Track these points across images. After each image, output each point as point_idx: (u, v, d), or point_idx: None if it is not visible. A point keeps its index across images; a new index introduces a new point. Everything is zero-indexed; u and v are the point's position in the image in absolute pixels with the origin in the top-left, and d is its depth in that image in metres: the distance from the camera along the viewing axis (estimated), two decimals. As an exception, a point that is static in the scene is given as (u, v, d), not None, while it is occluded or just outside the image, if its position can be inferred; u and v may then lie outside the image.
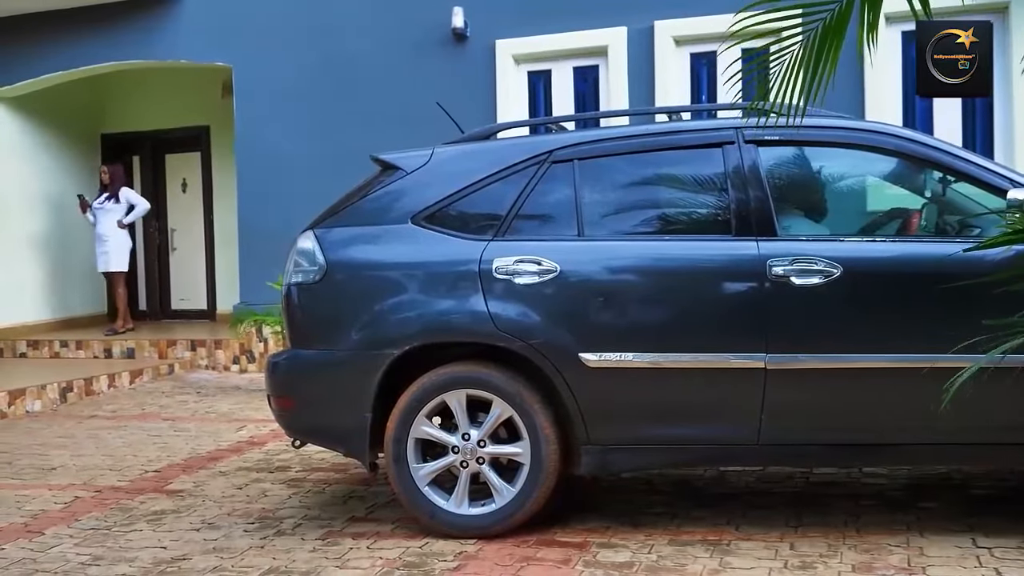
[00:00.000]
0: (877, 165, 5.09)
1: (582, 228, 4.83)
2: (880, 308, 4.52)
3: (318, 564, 4.51)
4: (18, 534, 5.23)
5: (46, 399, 9.37)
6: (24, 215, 12.56)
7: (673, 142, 4.96)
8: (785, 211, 4.83)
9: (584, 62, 10.03)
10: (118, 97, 13.65)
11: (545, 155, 4.94)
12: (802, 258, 4.50)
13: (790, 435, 4.61)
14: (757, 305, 4.57)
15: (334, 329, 4.95)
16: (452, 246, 4.87)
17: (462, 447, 4.77)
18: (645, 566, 4.29)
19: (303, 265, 5.01)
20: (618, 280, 4.79)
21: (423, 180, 5.05)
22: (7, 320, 12.28)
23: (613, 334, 4.68)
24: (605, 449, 4.70)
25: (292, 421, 5.16)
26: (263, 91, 11.02)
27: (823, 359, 4.50)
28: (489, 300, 4.71)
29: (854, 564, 4.21)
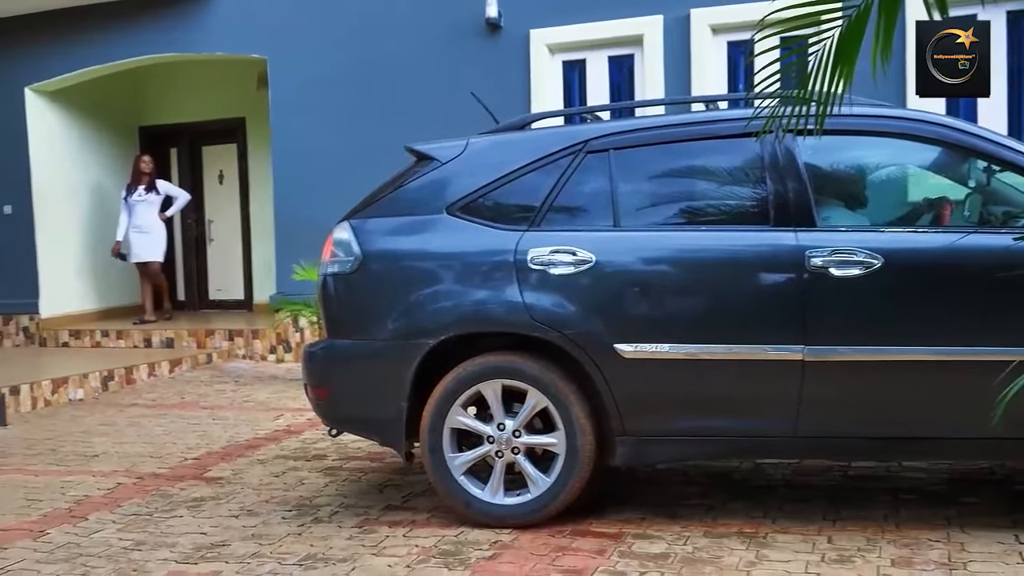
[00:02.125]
0: (918, 154, 4.98)
1: (618, 218, 4.82)
2: (922, 300, 4.45)
3: (355, 551, 4.55)
4: (63, 519, 5.30)
5: (88, 387, 9.48)
6: (65, 207, 12.68)
7: (710, 131, 4.92)
8: (824, 201, 4.77)
9: (619, 51, 9.98)
10: (155, 90, 13.74)
11: (580, 145, 4.93)
12: (842, 249, 4.45)
13: (828, 428, 4.58)
14: (795, 296, 4.52)
15: (370, 319, 4.97)
16: (487, 236, 4.87)
17: (497, 437, 4.78)
18: (681, 558, 4.29)
19: (339, 255, 5.03)
20: (654, 271, 4.77)
21: (458, 170, 5.06)
22: (50, 310, 12.43)
23: (649, 325, 4.66)
24: (640, 440, 4.70)
25: (329, 410, 5.19)
26: (298, 83, 11.06)
27: (862, 351, 4.45)
28: (524, 291, 4.72)
29: (893, 559, 4.19)
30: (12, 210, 12.45)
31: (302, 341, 10.57)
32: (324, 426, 5.46)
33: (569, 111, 5.36)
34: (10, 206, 12.47)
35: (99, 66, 12.14)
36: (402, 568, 4.30)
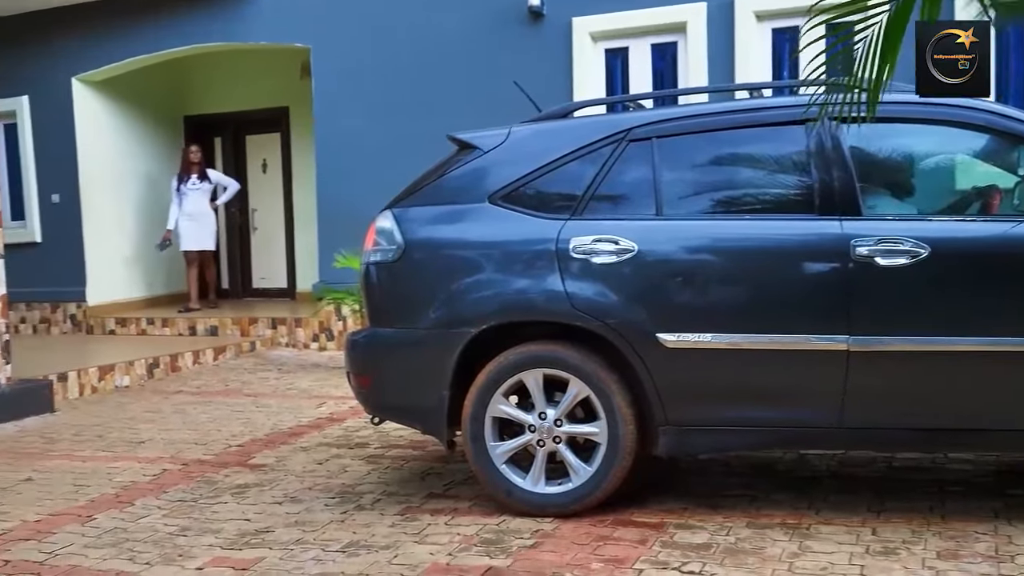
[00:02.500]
0: (966, 141, 4.89)
1: (660, 207, 4.79)
2: (970, 290, 4.41)
3: (397, 539, 4.57)
4: (109, 504, 5.37)
5: (134, 375, 9.58)
6: (112, 196, 12.80)
7: (754, 119, 4.88)
8: (870, 189, 4.73)
9: (662, 39, 9.92)
10: (200, 80, 13.82)
11: (623, 133, 4.90)
12: (888, 238, 4.40)
13: (873, 419, 4.53)
14: (840, 286, 4.48)
15: (412, 307, 4.98)
16: (529, 225, 4.86)
17: (539, 426, 4.78)
18: (723, 548, 4.28)
19: (382, 244, 5.04)
20: (697, 260, 4.75)
21: (500, 159, 5.05)
22: (97, 298, 12.57)
23: (691, 314, 4.63)
24: (683, 430, 4.68)
25: (371, 398, 5.21)
26: (341, 72, 11.09)
27: (908, 341, 4.39)
28: (566, 279, 4.70)
29: (939, 551, 4.15)
30: (60, 199, 12.59)
31: (344, 329, 10.63)
32: (366, 414, 5.49)
33: (612, 99, 5.36)
34: (58, 195, 12.60)
35: (145, 56, 12.25)
36: (444, 556, 4.32)
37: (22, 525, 5.07)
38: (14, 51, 11.69)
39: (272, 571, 4.23)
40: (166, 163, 13.29)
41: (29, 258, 12.19)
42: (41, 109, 12.65)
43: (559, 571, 4.07)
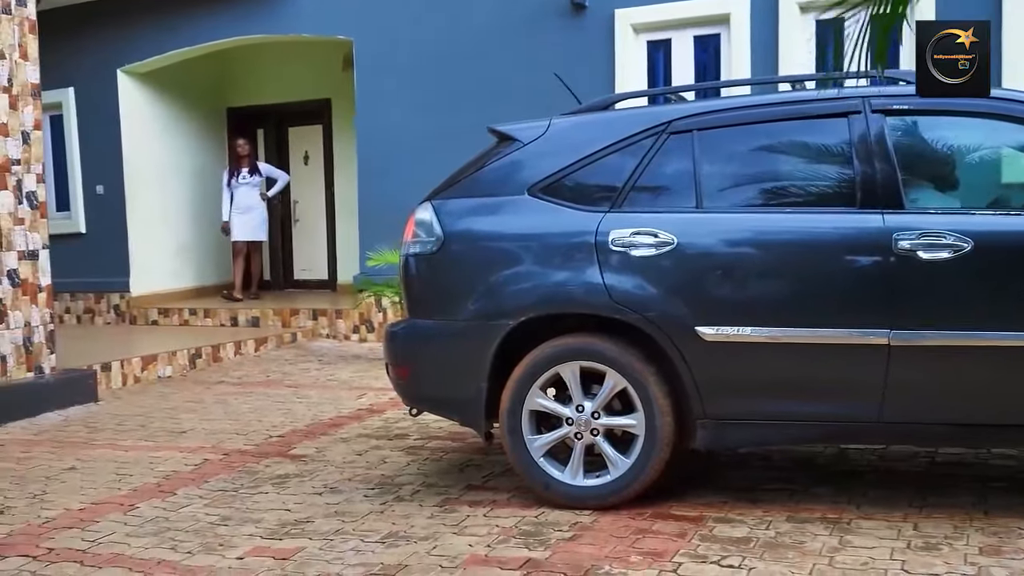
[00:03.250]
0: (1011, 134, 4.79)
1: (700, 200, 4.76)
2: (1013, 285, 4.36)
3: (436, 530, 4.58)
4: (151, 494, 5.42)
5: (176, 365, 9.68)
6: (155, 187, 12.92)
7: (796, 112, 4.85)
8: (913, 183, 4.68)
9: (705, 31, 9.86)
10: (243, 71, 13.92)
11: (663, 126, 4.88)
12: (930, 232, 4.36)
13: (913, 414, 4.49)
14: (881, 280, 4.44)
15: (451, 299, 4.99)
16: (568, 217, 4.85)
17: (576, 418, 4.77)
18: (763, 542, 4.25)
19: (421, 236, 5.05)
20: (737, 253, 4.71)
21: (540, 151, 5.04)
22: (140, 289, 12.71)
23: (731, 308, 4.61)
24: (721, 424, 4.66)
25: (410, 390, 5.22)
26: (383, 64, 11.12)
27: (950, 336, 4.35)
28: (605, 272, 4.69)
29: (981, 547, 4.10)
30: (104, 190, 12.72)
31: (385, 321, 10.67)
32: (405, 406, 5.50)
33: (653, 91, 5.34)
34: (102, 186, 12.74)
35: (189, 48, 12.34)
36: (483, 547, 4.32)
37: (66, 513, 5.13)
38: (60, 43, 11.81)
39: (312, 561, 4.26)
40: (209, 155, 13.41)
41: (74, 249, 12.33)
42: (86, 101, 12.78)
43: (598, 564, 4.06)
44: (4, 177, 7.91)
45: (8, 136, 7.97)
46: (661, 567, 4.01)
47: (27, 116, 8.15)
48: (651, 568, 4.00)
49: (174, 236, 13.19)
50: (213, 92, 13.91)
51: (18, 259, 8.01)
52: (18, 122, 8.06)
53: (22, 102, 8.10)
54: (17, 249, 8.01)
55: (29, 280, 8.10)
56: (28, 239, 8.10)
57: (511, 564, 4.10)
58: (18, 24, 8.12)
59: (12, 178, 7.96)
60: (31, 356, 8.10)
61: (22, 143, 8.08)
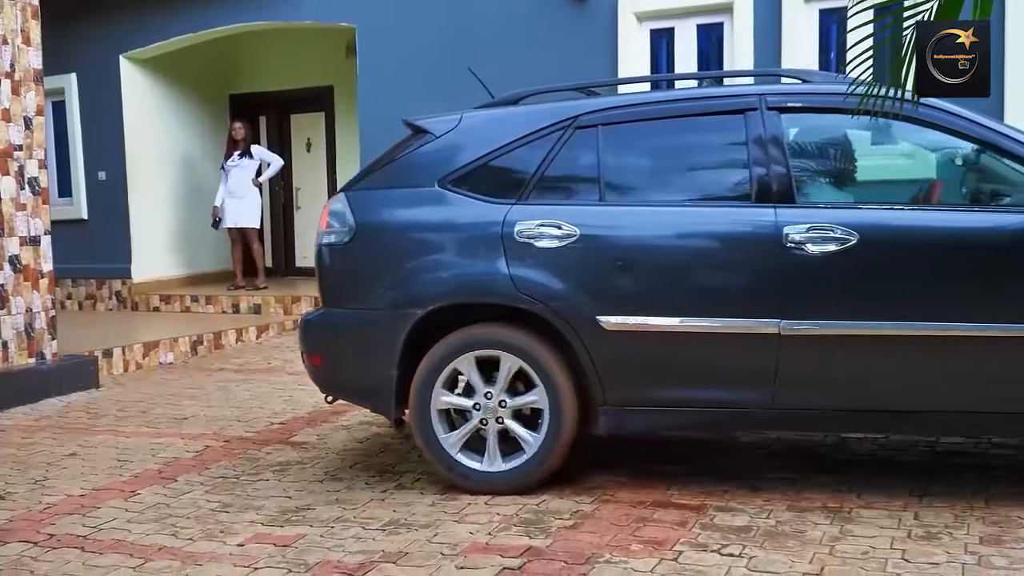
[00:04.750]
0: (902, 132, 4.99)
1: (603, 193, 4.92)
2: (895, 276, 4.52)
3: (437, 518, 4.58)
4: (153, 480, 5.43)
5: (178, 352, 9.68)
6: (157, 173, 12.91)
7: (696, 108, 5.01)
8: (805, 178, 4.88)
9: (708, 19, 9.83)
10: (245, 58, 13.89)
11: (570, 121, 5.00)
12: (819, 225, 4.51)
13: (804, 400, 4.65)
14: (773, 271, 4.60)
15: (362, 289, 5.09)
16: (477, 209, 4.95)
17: (483, 406, 4.87)
18: (763, 531, 4.26)
19: (334, 226, 5.14)
20: (637, 245, 4.84)
21: (451, 144, 5.15)
22: (141, 275, 12.70)
23: (630, 298, 4.75)
24: (621, 410, 4.80)
25: (323, 377, 5.31)
26: (386, 51, 11.09)
27: (837, 326, 4.51)
28: (511, 263, 4.80)
29: (982, 536, 4.11)
30: (106, 176, 12.71)
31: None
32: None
33: (560, 87, 5.49)
34: (104, 172, 12.73)
35: (192, 34, 12.31)
36: (483, 535, 4.33)
37: (67, 499, 5.14)
38: (62, 29, 11.78)
39: (313, 548, 4.27)
40: (212, 141, 13.38)
41: (76, 235, 12.32)
42: (89, 87, 12.76)
43: (598, 552, 4.07)
44: (6, 163, 7.90)
45: (10, 122, 7.96)
46: (662, 555, 4.01)
47: (29, 102, 8.14)
48: (652, 556, 4.01)
49: (176, 223, 13.18)
50: (216, 79, 13.87)
51: (20, 245, 8.01)
52: (20, 108, 8.05)
53: (24, 88, 8.09)
54: (19, 235, 8.01)
55: (31, 266, 8.10)
56: (30, 225, 8.09)
57: (511, 552, 4.11)
58: (20, 9, 8.11)
59: (14, 164, 7.96)
60: (32, 342, 8.10)
61: (24, 129, 8.07)
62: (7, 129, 7.93)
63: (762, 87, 5.00)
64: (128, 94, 12.62)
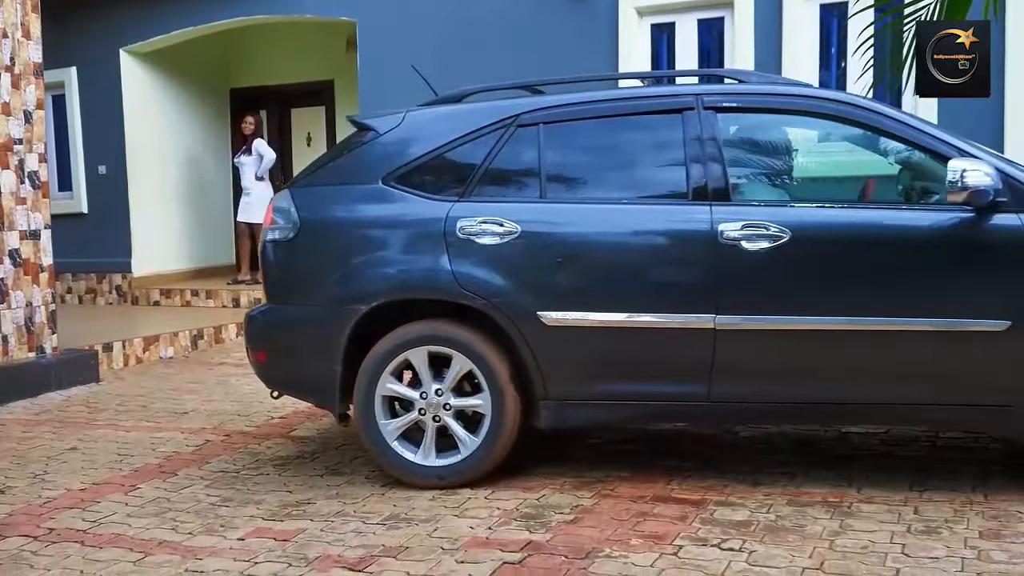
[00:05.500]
0: (834, 132, 5.16)
1: (544, 191, 4.98)
2: (827, 272, 4.63)
3: (437, 512, 4.59)
4: (153, 474, 5.43)
5: (178, 346, 9.68)
6: (157, 167, 12.90)
7: (635, 108, 5.08)
8: (740, 177, 4.97)
9: (709, 14, 9.81)
10: (246, 52, 13.87)
11: (512, 119, 5.06)
12: (753, 223, 4.60)
13: (740, 393, 4.75)
14: (708, 268, 4.70)
15: (307, 285, 5.12)
16: (420, 206, 5.00)
17: (427, 401, 4.90)
18: (763, 526, 4.26)
19: (279, 223, 5.16)
20: (576, 242, 4.91)
21: (395, 141, 5.20)
22: (142, 269, 12.70)
23: (570, 294, 4.83)
24: (562, 404, 4.88)
25: (267, 373, 5.33)
26: (387, 46, 11.07)
27: (770, 320, 4.63)
28: (453, 259, 4.85)
29: (981, 530, 4.11)
30: (106, 170, 12.70)
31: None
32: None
33: (504, 85, 5.54)
34: (104, 166, 12.72)
35: (193, 28, 12.30)
36: (483, 530, 4.33)
37: (67, 494, 5.15)
38: (63, 22, 11.77)
39: (313, 542, 4.27)
40: (212, 135, 13.38)
41: (76, 229, 12.31)
42: (89, 80, 12.76)
43: (598, 547, 4.07)
44: (6, 156, 7.89)
45: (10, 115, 7.95)
46: (662, 550, 4.01)
47: (29, 95, 8.13)
48: (652, 551, 4.01)
49: (177, 217, 13.18)
50: (216, 72, 13.86)
51: (20, 239, 8.01)
52: (20, 101, 8.04)
53: (24, 81, 8.08)
54: (19, 229, 8.00)
55: (31, 260, 8.10)
56: (30, 219, 8.09)
57: (512, 546, 4.11)
58: (20, 3, 8.09)
59: (14, 157, 7.95)
60: (33, 336, 8.10)
61: (24, 122, 8.06)
62: (7, 123, 7.92)
63: (699, 87, 5.15)
64: (128, 88, 12.62)
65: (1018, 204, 4.45)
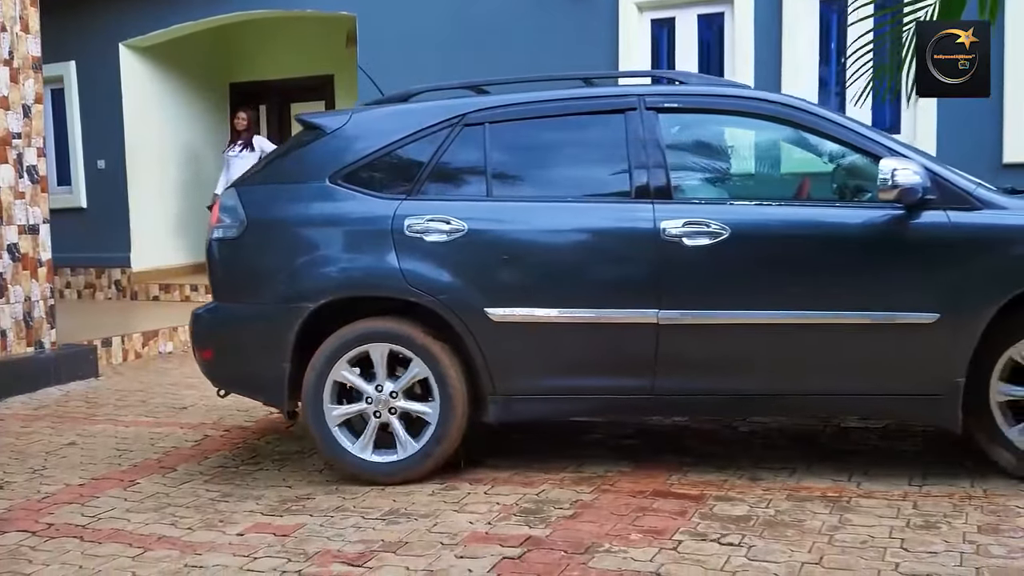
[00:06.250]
0: (772, 132, 5.27)
1: (490, 189, 5.06)
2: (765, 268, 4.78)
3: (437, 508, 4.58)
4: (152, 470, 5.43)
5: (177, 341, 9.67)
6: (157, 162, 12.89)
7: (579, 108, 5.16)
8: (681, 176, 5.06)
9: (709, 9, 9.79)
10: (246, 47, 13.85)
11: (458, 118, 5.13)
12: (694, 220, 4.73)
13: (682, 386, 4.85)
14: (651, 264, 4.80)
15: (255, 283, 5.15)
16: (367, 204, 5.04)
17: (376, 397, 4.93)
18: (762, 520, 4.26)
19: (225, 221, 5.18)
20: (522, 239, 4.99)
21: (342, 140, 5.23)
22: (141, 264, 12.69)
23: (517, 290, 4.91)
24: (510, 399, 4.95)
25: (214, 371, 5.34)
26: (387, 40, 11.06)
27: (711, 315, 4.76)
28: (401, 257, 4.89)
29: (980, 525, 4.11)
30: (105, 165, 12.69)
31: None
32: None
33: (451, 85, 5.60)
34: (103, 161, 12.71)
35: (192, 22, 12.29)
36: (483, 525, 4.33)
37: (66, 489, 5.14)
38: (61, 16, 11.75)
39: (312, 538, 4.26)
40: (212, 130, 13.36)
41: (74, 224, 12.32)
42: (88, 75, 12.74)
43: (598, 541, 4.07)
44: (5, 151, 7.89)
45: (9, 109, 7.94)
46: (661, 544, 4.01)
47: (28, 89, 8.12)
48: (651, 546, 4.01)
49: (176, 211, 13.17)
50: (216, 67, 13.85)
51: (18, 233, 8.00)
52: (19, 95, 8.03)
53: (23, 75, 8.07)
54: (17, 223, 7.99)
55: (29, 255, 8.09)
56: (29, 213, 8.08)
57: (511, 541, 4.11)
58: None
59: (13, 152, 7.94)
60: (31, 331, 8.10)
61: (23, 117, 8.05)
62: (6, 117, 7.91)
63: (641, 88, 5.21)
64: (128, 82, 12.61)
65: (945, 201, 4.62)
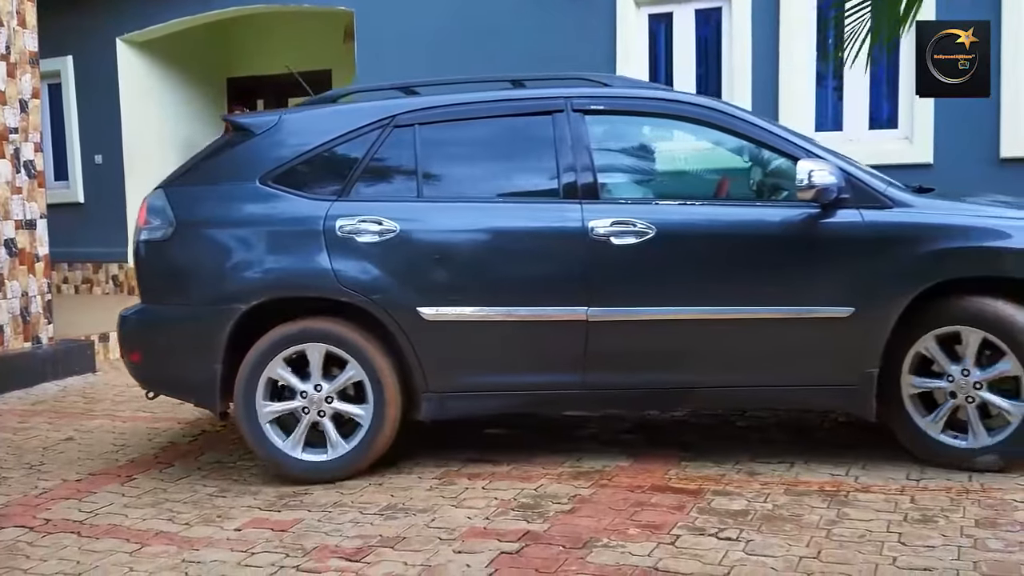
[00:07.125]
0: (694, 133, 5.33)
1: (421, 190, 5.11)
2: (689, 265, 4.91)
3: (435, 503, 4.59)
4: (149, 465, 5.43)
5: (174, 336, 9.63)
6: (154, 157, 12.80)
7: (508, 109, 5.25)
8: (609, 176, 5.18)
9: (707, 4, 9.75)
10: (243, 41, 13.81)
11: (388, 119, 5.18)
12: (621, 220, 4.85)
13: (611, 381, 4.98)
14: (580, 263, 4.89)
15: (184, 285, 5.16)
16: (298, 205, 5.06)
17: (310, 396, 4.94)
18: (760, 515, 4.26)
19: (153, 222, 5.18)
20: (453, 239, 5.07)
21: (271, 142, 5.24)
22: (138, 260, 12.63)
23: (448, 289, 4.96)
24: (443, 396, 5.01)
25: (143, 373, 5.35)
26: (384, 36, 11.03)
27: (637, 312, 4.87)
28: (333, 257, 4.92)
29: (977, 519, 4.12)
30: (103, 160, 12.65)
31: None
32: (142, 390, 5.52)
33: (379, 86, 5.65)
34: (100, 156, 12.67)
35: (190, 17, 12.24)
36: (481, 520, 4.33)
37: (63, 484, 5.14)
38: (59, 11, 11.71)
39: (310, 533, 4.27)
40: (209, 125, 13.31)
41: (72, 219, 12.28)
42: (85, 70, 12.70)
43: (596, 536, 4.07)
44: (2, 146, 7.88)
45: (6, 104, 7.93)
46: (659, 539, 4.01)
47: (25, 84, 8.11)
48: (649, 540, 4.01)
49: (173, 207, 13.11)
50: (213, 62, 13.81)
51: (15, 228, 8.00)
52: (16, 90, 8.02)
53: (20, 70, 8.06)
54: (15, 218, 7.99)
55: (27, 250, 8.09)
56: (26, 208, 8.08)
57: (509, 536, 4.11)
58: (15, -8, 8.07)
59: (10, 147, 7.94)
60: (28, 326, 8.09)
61: (20, 111, 8.05)
62: (2, 112, 7.90)
63: (568, 90, 5.23)
64: (125, 77, 12.56)
65: (859, 201, 4.78)
